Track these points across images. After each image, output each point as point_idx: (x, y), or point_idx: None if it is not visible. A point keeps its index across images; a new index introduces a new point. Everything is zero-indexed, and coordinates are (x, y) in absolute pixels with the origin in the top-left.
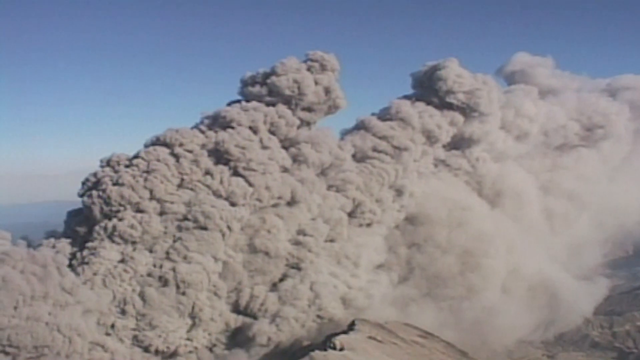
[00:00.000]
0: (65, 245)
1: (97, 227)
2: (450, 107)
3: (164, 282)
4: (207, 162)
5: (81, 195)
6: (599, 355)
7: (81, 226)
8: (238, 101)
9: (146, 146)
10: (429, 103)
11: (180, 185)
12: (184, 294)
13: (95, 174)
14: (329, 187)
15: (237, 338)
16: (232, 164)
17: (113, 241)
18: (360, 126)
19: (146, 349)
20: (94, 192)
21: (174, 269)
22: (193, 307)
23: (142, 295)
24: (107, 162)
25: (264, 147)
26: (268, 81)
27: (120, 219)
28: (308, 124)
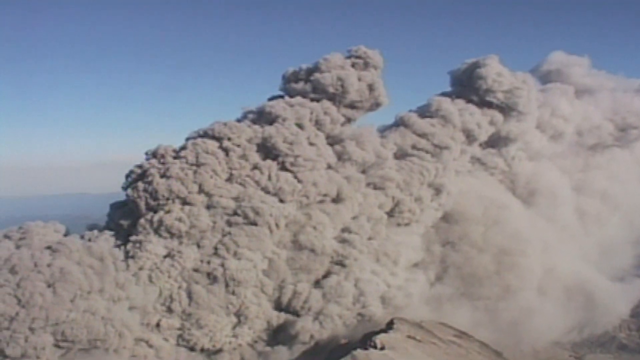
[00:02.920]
0: (108, 238)
1: (142, 220)
2: (489, 105)
3: (212, 279)
4: (255, 156)
5: (125, 188)
6: (626, 357)
7: (125, 219)
8: (280, 97)
9: (188, 139)
10: (468, 101)
11: (229, 180)
12: (233, 292)
13: (140, 166)
14: (369, 185)
15: (279, 335)
16: (280, 159)
17: (159, 235)
18: (400, 123)
19: (192, 348)
20: (140, 185)
21: (223, 265)
22: (240, 305)
23: (189, 293)
24: (153, 154)
25: (311, 144)
26: (312, 78)
27: (167, 212)
28: (349, 120)
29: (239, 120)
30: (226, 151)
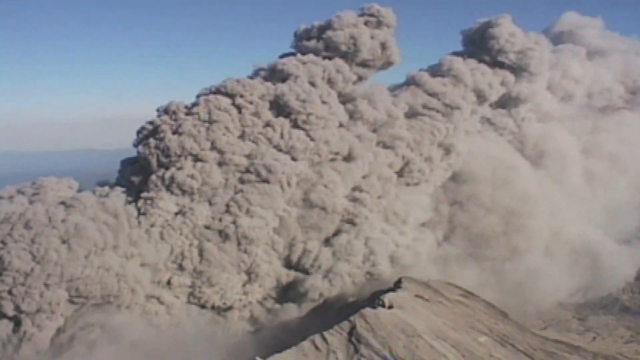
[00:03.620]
0: (120, 195)
1: (153, 177)
2: (501, 65)
3: (224, 236)
4: (267, 114)
5: (136, 144)
6: (629, 319)
7: (136, 175)
8: (291, 54)
9: (199, 96)
10: (480, 61)
11: (241, 137)
12: (245, 250)
13: (152, 122)
14: (379, 144)
15: (288, 292)
16: (292, 117)
17: (171, 192)
18: (411, 82)
19: (202, 306)
20: (151, 141)
21: (235, 223)
22: (251, 263)
23: (200, 250)
24: (165, 110)
25: (323, 102)
26: (324, 35)
27: (179, 169)
28: (361, 79)
29: (250, 78)
30: (239, 108)
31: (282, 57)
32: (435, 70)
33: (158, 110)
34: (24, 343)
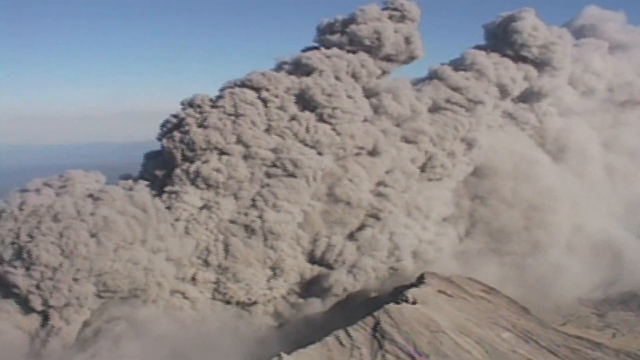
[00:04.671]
0: (143, 188)
1: (177, 171)
2: (524, 60)
3: (249, 231)
4: (293, 108)
5: (160, 138)
6: None
7: (160, 169)
8: (314, 48)
9: (223, 89)
10: (503, 55)
11: (267, 131)
12: (271, 246)
13: (176, 115)
14: (402, 138)
15: (311, 287)
16: (317, 111)
17: (196, 186)
18: (433, 76)
19: (227, 301)
20: (176, 134)
21: (261, 217)
22: (277, 258)
23: (225, 245)
24: (190, 104)
25: (349, 96)
26: (347, 29)
27: (204, 162)
28: (384, 73)
29: (276, 71)
30: (264, 102)
31: (305, 50)
32: (458, 65)
33: (182, 103)
34: (52, 337)
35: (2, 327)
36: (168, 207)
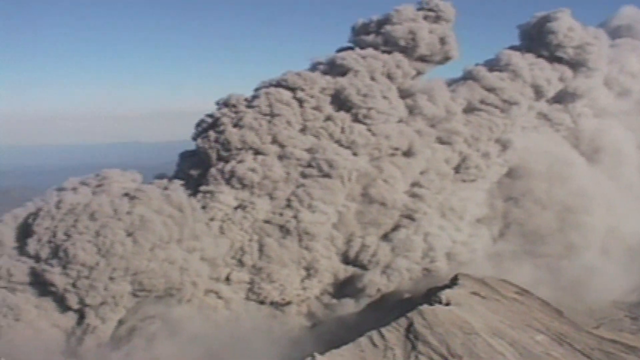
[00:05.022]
0: (178, 187)
1: (212, 170)
2: (559, 60)
3: (284, 231)
4: (328, 108)
5: (195, 137)
6: None
7: (195, 169)
8: (349, 48)
9: (257, 89)
10: (538, 56)
11: (302, 131)
12: (306, 247)
13: (211, 115)
14: (436, 139)
15: (345, 288)
16: (353, 111)
17: (231, 185)
18: (468, 76)
19: (261, 302)
20: (211, 134)
21: (296, 218)
22: (311, 259)
23: (260, 246)
24: (225, 103)
25: (384, 97)
26: (383, 30)
27: (240, 162)
28: (419, 74)
29: (311, 71)
30: (300, 102)
31: (339, 51)
32: (493, 65)
33: (218, 103)
34: (87, 335)
35: (40, 325)
36: (203, 207)
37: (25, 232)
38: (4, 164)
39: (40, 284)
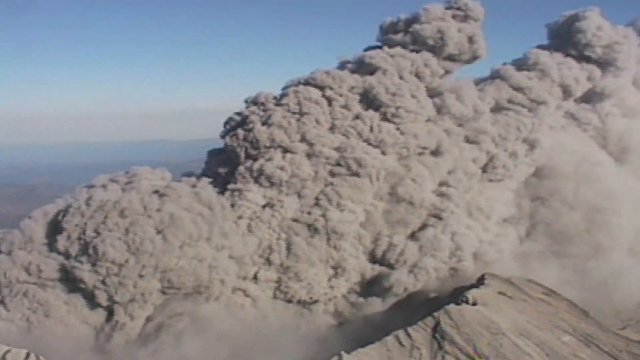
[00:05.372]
0: (207, 185)
1: (241, 168)
2: (587, 59)
3: (313, 230)
4: (357, 107)
5: (223, 135)
6: None
7: (223, 167)
8: (377, 47)
9: (285, 88)
10: (566, 55)
11: (331, 129)
12: (334, 246)
13: (240, 113)
14: (463, 138)
15: (371, 287)
16: (382, 110)
17: (259, 184)
18: (496, 75)
19: (289, 300)
20: (240, 132)
21: (324, 216)
22: (339, 258)
23: (288, 244)
24: (254, 101)
25: (413, 96)
26: (411, 29)
27: (268, 160)
28: (447, 73)
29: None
30: (329, 100)
31: (367, 50)
32: (521, 64)
33: (246, 101)
34: (116, 332)
35: (70, 322)
36: (231, 205)
37: (54, 228)
38: (31, 161)
39: (70, 281)
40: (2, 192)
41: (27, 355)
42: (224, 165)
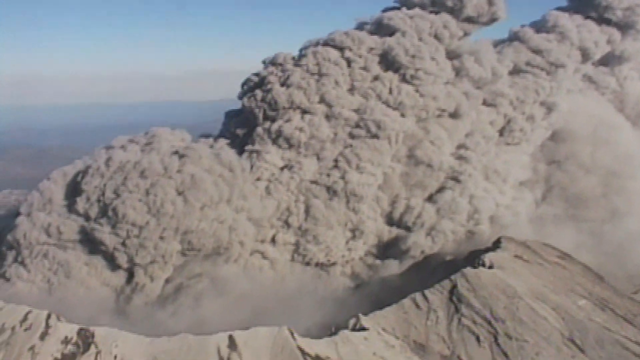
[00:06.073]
0: (225, 146)
1: (259, 130)
2: (607, 22)
3: (332, 193)
4: (376, 68)
5: (241, 96)
6: None
7: (241, 128)
8: (395, 8)
9: (303, 49)
10: (586, 17)
11: (350, 91)
12: (353, 209)
13: (258, 74)
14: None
15: (388, 249)
16: (401, 71)
17: (277, 145)
18: (514, 38)
19: (307, 263)
20: (258, 93)
21: (343, 178)
22: (358, 221)
23: (307, 207)
24: (272, 62)
25: (432, 58)
26: None
27: (287, 121)
28: (466, 35)
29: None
30: (348, 61)
31: (385, 11)
32: (540, 26)
33: (264, 62)
34: (136, 294)
35: (90, 283)
36: (250, 167)
37: (74, 190)
38: (44, 122)
39: (90, 242)
40: (16, 154)
41: (48, 316)
42: (242, 127)
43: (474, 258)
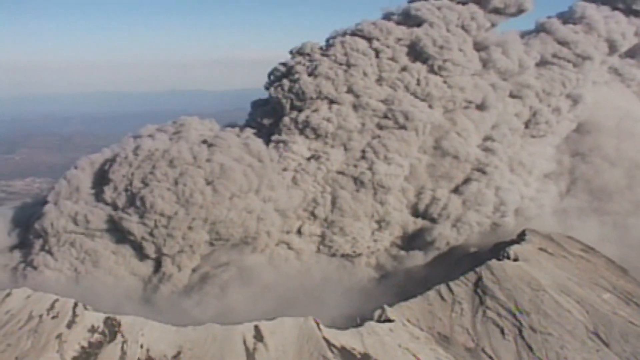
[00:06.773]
0: (252, 136)
1: (286, 119)
2: (635, 13)
3: (359, 183)
4: (404, 59)
5: (268, 86)
6: None
7: (267, 117)
8: None
9: (330, 39)
10: (614, 8)
11: (378, 81)
12: (380, 201)
13: (285, 64)
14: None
15: (413, 240)
16: (429, 62)
17: (304, 135)
18: (541, 29)
19: (333, 254)
20: (285, 83)
21: (371, 169)
22: (384, 212)
23: (333, 198)
24: (299, 52)
25: (460, 49)
26: None
27: (314, 111)
28: (493, 26)
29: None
30: (376, 52)
31: (412, 1)
32: (567, 18)
33: (291, 52)
34: (163, 283)
35: (119, 272)
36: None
37: (101, 178)
38: (67, 110)
39: (118, 231)
40: (39, 141)
41: (75, 304)
42: (268, 117)
43: (498, 250)
